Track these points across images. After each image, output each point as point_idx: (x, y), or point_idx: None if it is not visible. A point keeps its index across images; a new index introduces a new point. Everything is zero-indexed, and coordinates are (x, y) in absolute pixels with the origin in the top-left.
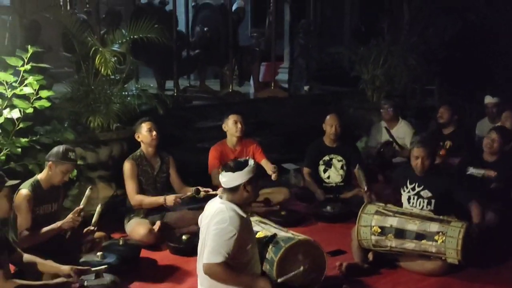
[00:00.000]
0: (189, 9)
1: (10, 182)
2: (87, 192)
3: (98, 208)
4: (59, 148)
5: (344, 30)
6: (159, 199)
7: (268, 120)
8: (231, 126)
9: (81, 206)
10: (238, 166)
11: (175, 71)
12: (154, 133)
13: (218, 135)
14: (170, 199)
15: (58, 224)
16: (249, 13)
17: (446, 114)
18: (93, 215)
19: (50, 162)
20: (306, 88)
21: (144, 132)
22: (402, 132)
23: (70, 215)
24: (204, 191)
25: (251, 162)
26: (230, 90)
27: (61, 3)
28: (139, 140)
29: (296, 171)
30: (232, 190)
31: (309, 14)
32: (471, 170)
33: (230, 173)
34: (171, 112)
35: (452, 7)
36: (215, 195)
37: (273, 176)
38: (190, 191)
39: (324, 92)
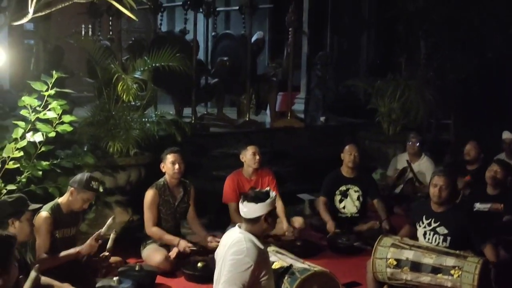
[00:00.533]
0: (208, 38)
1: (33, 206)
2: (110, 221)
3: (113, 234)
4: (83, 176)
5: (360, 62)
6: (174, 241)
7: (284, 149)
8: (249, 157)
9: (101, 232)
10: (260, 197)
11: (193, 98)
12: (176, 166)
13: (234, 164)
14: (182, 245)
15: (76, 249)
16: (267, 43)
17: (473, 152)
18: (109, 240)
19: (72, 188)
20: (322, 119)
21: (168, 164)
22: (424, 167)
23: (88, 241)
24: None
25: (272, 193)
26: (247, 119)
27: (83, 30)
28: (163, 170)
29: (311, 201)
30: (253, 221)
31: (326, 46)
32: (478, 206)
33: (252, 204)
34: (188, 139)
35: (469, 44)
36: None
37: (288, 233)
38: (201, 237)
39: (340, 123)
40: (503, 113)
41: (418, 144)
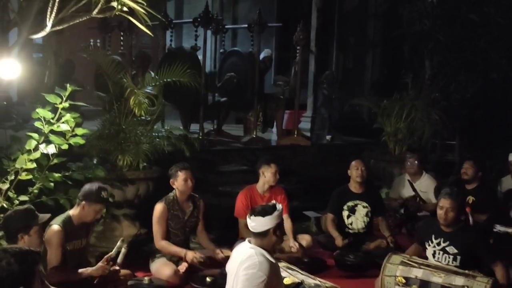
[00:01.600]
0: (216, 54)
1: (42, 218)
2: (119, 243)
3: (124, 249)
4: (92, 187)
5: (364, 82)
6: (181, 252)
7: (290, 167)
8: (270, 175)
9: (111, 255)
10: (267, 210)
11: (201, 115)
12: (189, 183)
13: (241, 180)
14: (189, 256)
15: (88, 270)
16: (273, 61)
17: (470, 171)
18: (118, 253)
19: (83, 202)
20: (328, 137)
21: (180, 181)
22: (425, 185)
23: (100, 264)
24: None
25: (279, 206)
26: (254, 136)
27: (92, 44)
28: (173, 186)
29: (317, 219)
30: (261, 235)
31: (332, 65)
32: (498, 228)
33: (259, 218)
34: (195, 155)
35: (474, 65)
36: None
37: (293, 249)
38: (210, 252)
39: (345, 142)
40: (508, 134)
41: (416, 162)
